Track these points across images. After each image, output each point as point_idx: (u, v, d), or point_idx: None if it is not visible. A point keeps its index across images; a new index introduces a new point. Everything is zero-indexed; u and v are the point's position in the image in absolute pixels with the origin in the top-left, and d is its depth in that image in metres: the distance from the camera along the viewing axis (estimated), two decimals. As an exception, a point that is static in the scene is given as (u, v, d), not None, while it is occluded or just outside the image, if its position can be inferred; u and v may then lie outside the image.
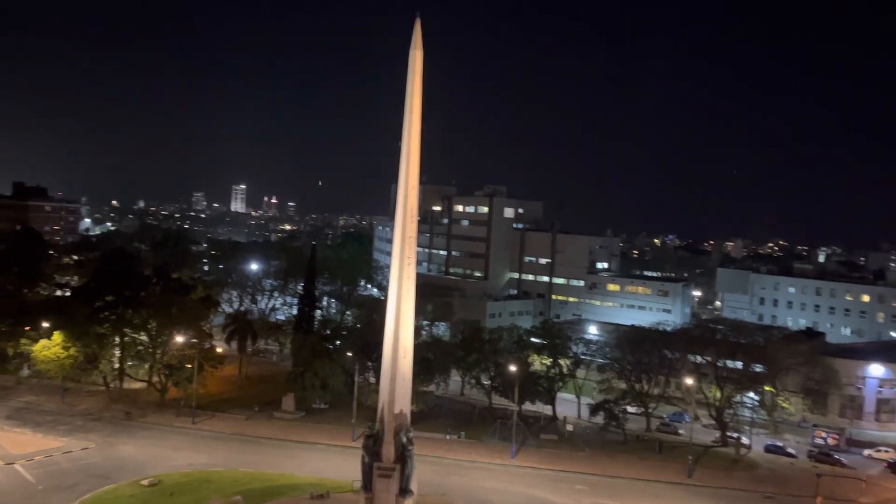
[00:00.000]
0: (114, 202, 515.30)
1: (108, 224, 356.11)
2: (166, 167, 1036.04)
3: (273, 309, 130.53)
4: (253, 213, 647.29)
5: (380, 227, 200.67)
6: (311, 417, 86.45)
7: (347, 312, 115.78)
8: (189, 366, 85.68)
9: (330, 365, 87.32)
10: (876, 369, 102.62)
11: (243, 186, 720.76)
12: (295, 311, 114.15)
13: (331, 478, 64.54)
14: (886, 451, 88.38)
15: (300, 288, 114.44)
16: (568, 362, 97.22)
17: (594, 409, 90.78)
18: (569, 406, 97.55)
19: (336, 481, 63.28)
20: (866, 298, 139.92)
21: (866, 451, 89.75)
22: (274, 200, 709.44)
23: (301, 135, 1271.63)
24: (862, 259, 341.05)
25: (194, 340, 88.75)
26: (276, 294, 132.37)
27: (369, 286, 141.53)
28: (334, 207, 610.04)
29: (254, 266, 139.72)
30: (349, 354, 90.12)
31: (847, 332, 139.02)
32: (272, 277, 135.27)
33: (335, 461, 70.29)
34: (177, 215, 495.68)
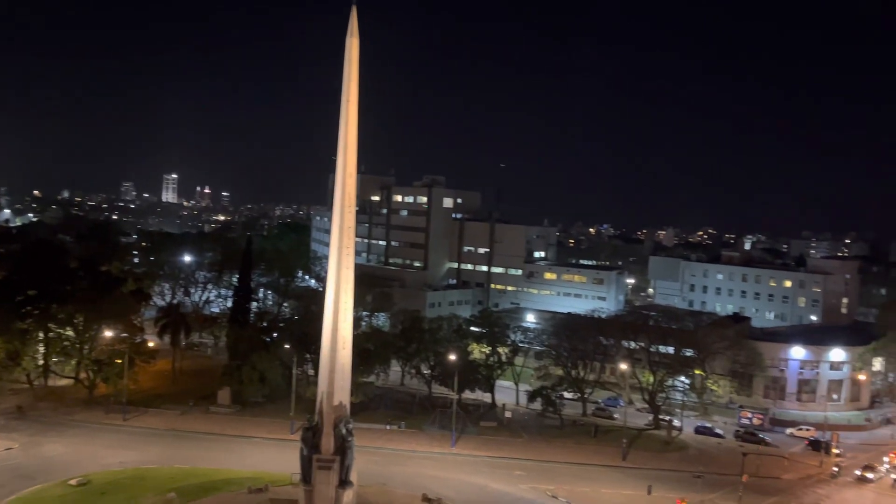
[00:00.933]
0: (35, 192, 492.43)
1: (30, 215, 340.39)
2: (93, 156, 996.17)
3: (207, 301, 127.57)
4: (185, 204, 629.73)
5: (318, 218, 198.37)
6: (248, 411, 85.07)
7: (285, 304, 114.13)
8: (119, 361, 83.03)
9: (267, 357, 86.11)
10: (797, 352, 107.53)
11: (175, 176, 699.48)
12: (230, 304, 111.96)
13: (269, 471, 63.76)
14: (807, 430, 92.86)
15: (235, 280, 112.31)
16: (506, 350, 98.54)
17: (532, 396, 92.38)
18: (507, 393, 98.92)
19: (275, 474, 62.55)
20: (788, 284, 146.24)
21: (788, 430, 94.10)
22: (207, 190, 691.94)
23: (236, 124, 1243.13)
24: (785, 246, 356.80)
25: (124, 335, 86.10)
26: (210, 286, 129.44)
27: (307, 277, 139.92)
28: (270, 197, 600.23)
29: (187, 258, 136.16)
30: (287, 347, 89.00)
31: (771, 316, 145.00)
32: (206, 269, 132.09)
33: (274, 454, 69.44)
34: (104, 206, 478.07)
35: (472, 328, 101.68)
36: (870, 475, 75.35)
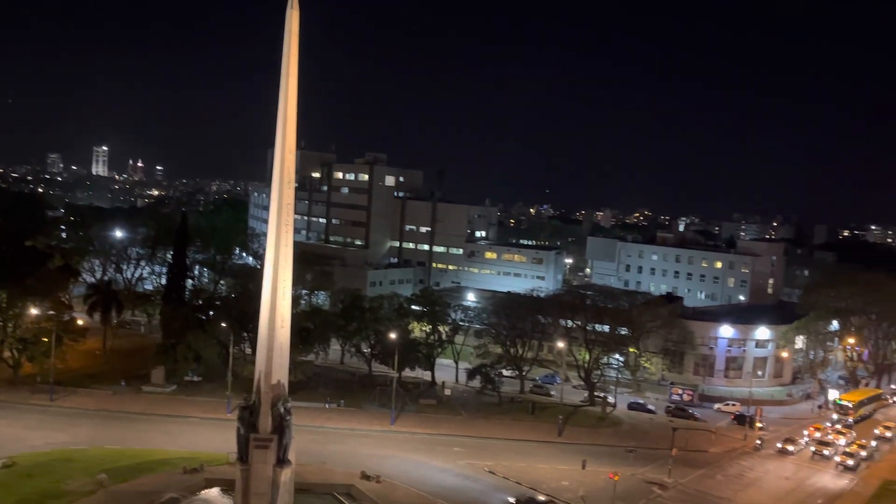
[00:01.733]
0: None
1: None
2: (17, 126, 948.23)
3: (140, 278, 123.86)
4: (117, 178, 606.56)
5: (256, 194, 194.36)
6: (182, 391, 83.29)
7: (221, 282, 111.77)
8: (45, 339, 79.91)
9: (203, 336, 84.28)
10: (726, 330, 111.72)
11: (105, 148, 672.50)
12: (164, 281, 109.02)
13: (205, 451, 62.72)
14: (733, 405, 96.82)
15: (170, 256, 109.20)
16: (447, 329, 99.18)
17: (471, 374, 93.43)
18: (447, 371, 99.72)
19: (210, 454, 61.58)
20: (719, 265, 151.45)
21: (716, 406, 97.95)
22: (140, 164, 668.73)
23: (171, 96, 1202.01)
24: (717, 229, 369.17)
25: (51, 312, 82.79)
26: (143, 263, 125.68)
27: (245, 255, 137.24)
28: (207, 172, 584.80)
29: (118, 233, 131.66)
30: (223, 325, 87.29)
31: (702, 296, 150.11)
32: (139, 245, 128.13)
33: (209, 435, 68.29)
34: (29, 178, 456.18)
35: (413, 307, 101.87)
36: (790, 448, 79.14)
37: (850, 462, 74.88)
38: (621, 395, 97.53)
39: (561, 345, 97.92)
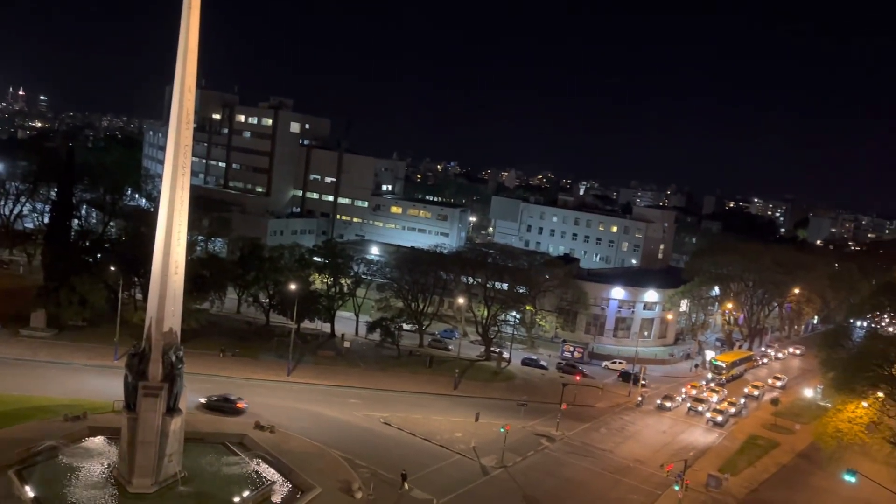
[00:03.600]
0: None
1: None
2: None
3: (20, 216, 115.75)
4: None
5: (151, 133, 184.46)
6: (66, 336, 79.04)
7: (111, 224, 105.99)
8: None
9: (89, 280, 79.92)
10: (617, 292, 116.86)
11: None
12: (47, 220, 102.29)
13: (89, 399, 60.16)
14: (620, 363, 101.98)
15: (54, 194, 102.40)
16: (349, 282, 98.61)
17: (371, 327, 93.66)
18: (347, 324, 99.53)
19: (95, 402, 59.15)
20: (615, 229, 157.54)
21: (604, 363, 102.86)
22: (21, 93, 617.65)
23: (60, 20, 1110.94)
24: (615, 194, 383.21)
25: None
26: (23, 199, 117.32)
27: (138, 196, 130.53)
28: (97, 106, 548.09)
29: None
30: (112, 269, 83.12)
31: (597, 258, 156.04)
32: (18, 180, 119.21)
33: (94, 382, 65.47)
34: None
35: (315, 258, 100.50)
36: (668, 404, 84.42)
37: (720, 419, 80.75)
38: (516, 351, 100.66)
39: (461, 301, 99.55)
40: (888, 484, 58.82)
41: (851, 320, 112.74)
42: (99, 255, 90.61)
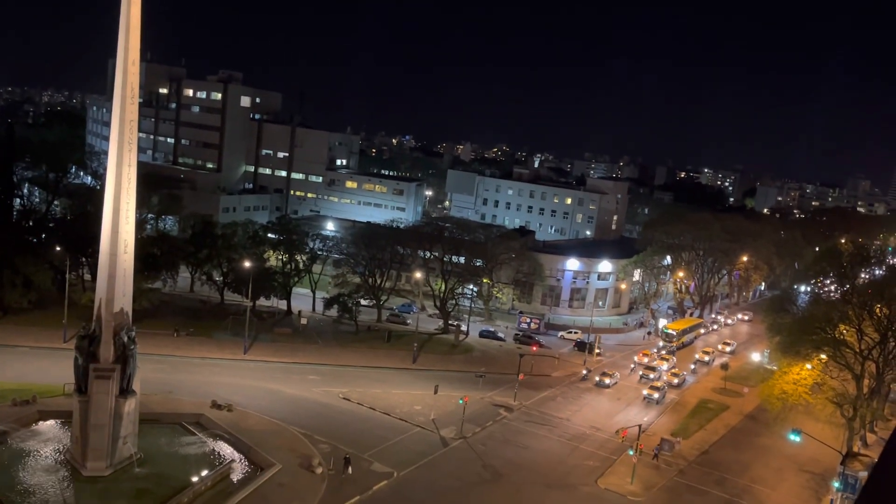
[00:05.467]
0: None
1: None
2: None
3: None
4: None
5: (95, 108, 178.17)
6: (10, 318, 76.68)
7: (56, 202, 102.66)
8: None
9: (34, 261, 77.51)
10: (572, 263, 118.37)
11: None
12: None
13: (37, 383, 58.68)
14: (575, 333, 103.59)
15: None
16: (304, 258, 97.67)
17: (328, 303, 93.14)
18: (304, 300, 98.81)
19: (44, 385, 57.75)
20: (569, 201, 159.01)
21: (560, 333, 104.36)
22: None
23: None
24: (569, 166, 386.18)
25: None
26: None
27: (83, 174, 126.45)
28: (37, 81, 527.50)
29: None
30: (58, 249, 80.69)
31: (552, 230, 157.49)
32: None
33: (42, 365, 63.88)
34: None
35: (270, 235, 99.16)
36: (607, 381, 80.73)
37: (656, 395, 77.79)
38: (474, 323, 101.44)
39: (418, 275, 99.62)
40: (830, 442, 61.50)
41: (796, 286, 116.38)
42: (43, 235, 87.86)
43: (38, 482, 43.27)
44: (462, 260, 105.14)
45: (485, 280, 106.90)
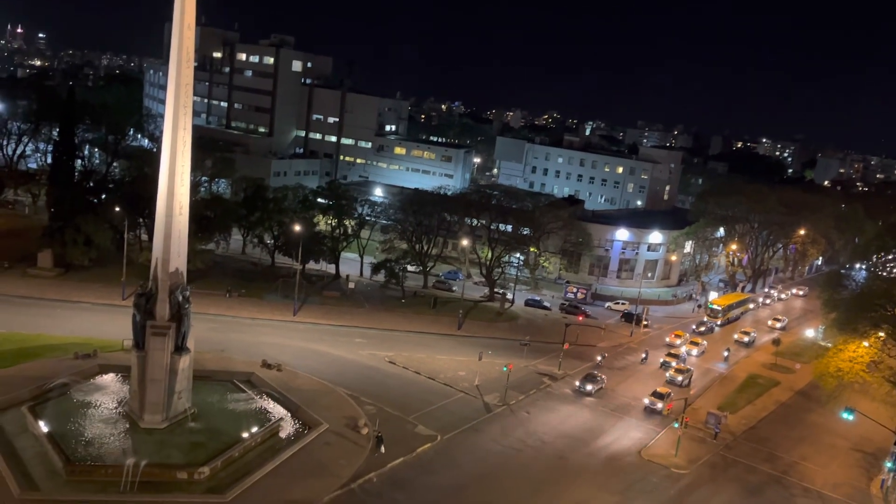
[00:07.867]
0: None
1: None
2: None
3: (23, 156, 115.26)
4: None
5: (151, 72, 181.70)
6: (73, 275, 79.75)
7: (114, 164, 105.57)
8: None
9: (94, 220, 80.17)
10: (621, 234, 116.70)
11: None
12: (50, 160, 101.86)
13: (98, 337, 61.14)
14: (623, 304, 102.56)
15: (56, 134, 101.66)
16: (353, 223, 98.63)
17: (376, 268, 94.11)
18: (352, 265, 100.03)
19: (104, 340, 60.14)
20: (620, 170, 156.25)
21: (607, 304, 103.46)
22: (20, 30, 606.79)
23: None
24: (621, 134, 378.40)
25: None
26: (25, 139, 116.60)
27: (140, 136, 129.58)
28: (96, 44, 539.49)
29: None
30: (117, 209, 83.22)
31: (602, 200, 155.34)
32: (20, 120, 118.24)
33: (102, 320, 66.39)
34: None
35: (319, 199, 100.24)
36: (588, 387, 66.78)
37: (659, 405, 64.24)
38: (519, 292, 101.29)
39: (465, 243, 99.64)
40: (884, 422, 59.90)
41: (855, 261, 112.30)
42: (103, 196, 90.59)
43: (98, 433, 45.25)
44: (509, 228, 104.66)
45: (532, 249, 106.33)
